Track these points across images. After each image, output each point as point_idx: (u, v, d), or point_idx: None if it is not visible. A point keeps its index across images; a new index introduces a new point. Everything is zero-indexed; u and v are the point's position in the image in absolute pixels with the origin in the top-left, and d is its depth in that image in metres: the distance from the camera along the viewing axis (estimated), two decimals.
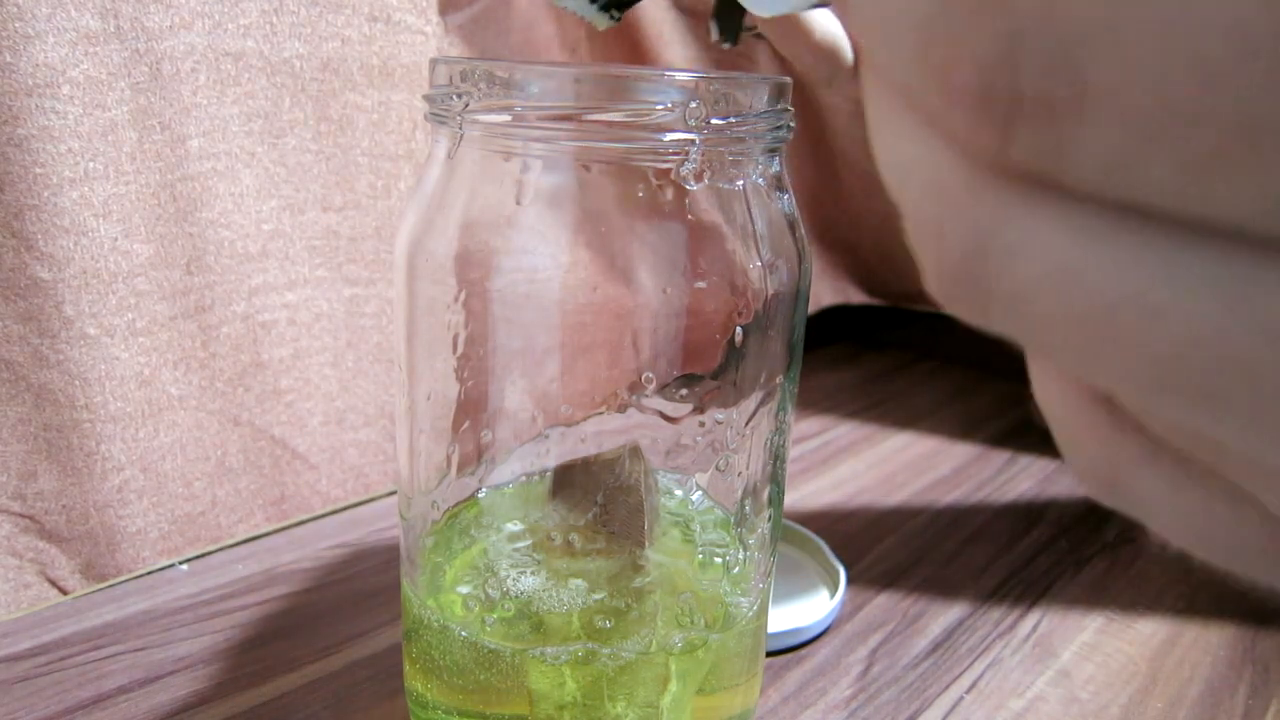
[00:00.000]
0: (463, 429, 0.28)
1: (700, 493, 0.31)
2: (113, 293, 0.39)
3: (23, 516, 0.40)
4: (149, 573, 0.41)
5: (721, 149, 0.23)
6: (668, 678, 0.27)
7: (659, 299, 0.25)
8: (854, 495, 0.51)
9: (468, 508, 0.30)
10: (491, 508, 0.30)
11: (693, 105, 0.22)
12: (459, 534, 0.30)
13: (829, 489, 0.52)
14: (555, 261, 0.25)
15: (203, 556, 0.42)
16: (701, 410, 0.28)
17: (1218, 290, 0.08)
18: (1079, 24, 0.07)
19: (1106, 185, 0.08)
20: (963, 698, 0.35)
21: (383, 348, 0.49)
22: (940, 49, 0.08)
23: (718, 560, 0.29)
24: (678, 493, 0.31)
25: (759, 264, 0.25)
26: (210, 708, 0.32)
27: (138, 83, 0.38)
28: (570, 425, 0.29)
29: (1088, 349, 0.09)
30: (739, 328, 0.26)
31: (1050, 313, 0.09)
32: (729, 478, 0.29)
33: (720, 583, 0.29)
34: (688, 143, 0.23)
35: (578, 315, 0.26)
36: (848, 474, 0.54)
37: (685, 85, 0.22)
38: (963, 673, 0.36)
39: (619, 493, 0.28)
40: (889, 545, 0.46)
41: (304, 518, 0.47)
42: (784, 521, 0.44)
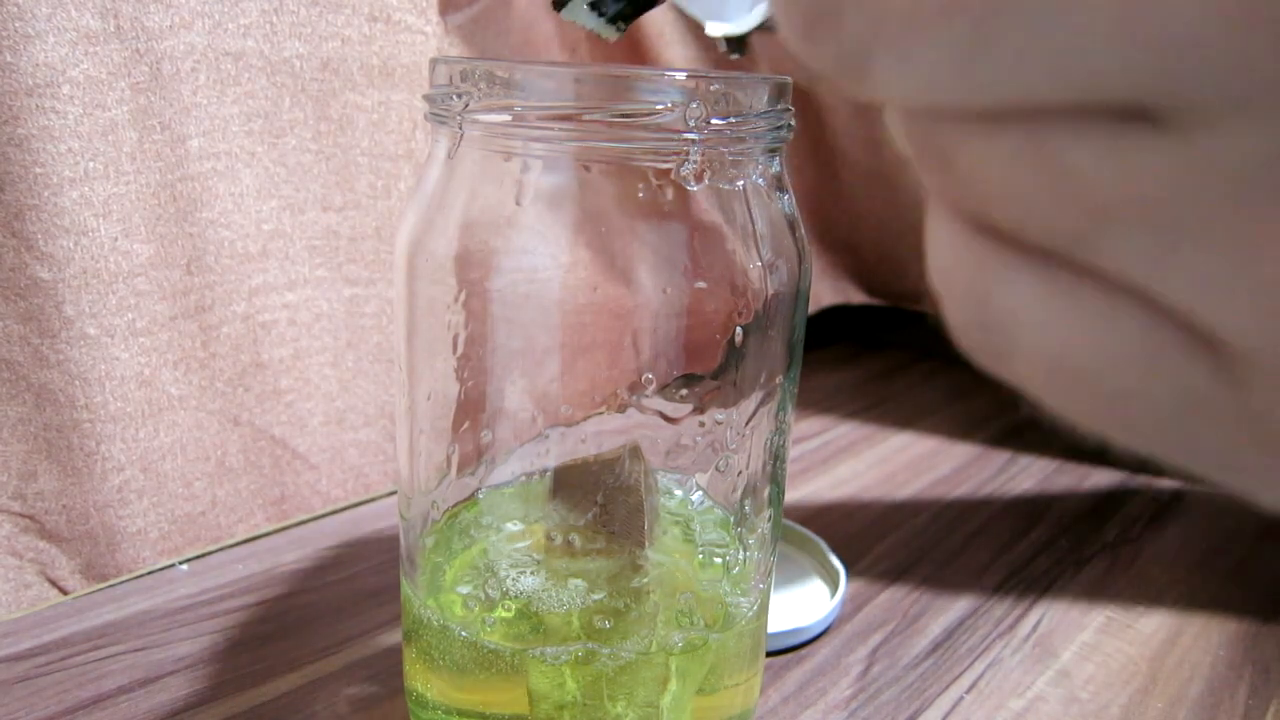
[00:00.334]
0: (463, 429, 0.28)
1: (700, 493, 0.31)
2: (113, 293, 0.39)
3: (23, 516, 0.40)
4: (149, 573, 0.41)
5: (722, 149, 0.23)
6: (668, 678, 0.27)
7: (659, 299, 0.25)
8: (854, 495, 0.51)
9: (468, 508, 0.30)
10: (491, 508, 0.30)
11: (693, 105, 0.22)
12: (459, 534, 0.30)
13: (829, 489, 0.52)
14: (555, 261, 0.25)
15: (203, 556, 0.42)
16: (701, 410, 0.28)
17: None
18: None
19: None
20: (963, 698, 0.35)
21: (383, 348, 0.49)
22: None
23: (718, 560, 0.29)
24: (678, 493, 0.31)
25: (759, 264, 0.25)
26: (210, 708, 0.32)
27: (138, 82, 0.38)
28: (570, 425, 0.29)
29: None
30: (739, 328, 0.26)
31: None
32: (729, 478, 0.29)
33: (720, 583, 0.29)
34: (688, 143, 0.23)
35: (578, 315, 0.26)
36: (848, 474, 0.54)
37: (685, 85, 0.22)
38: (963, 672, 0.36)
39: (619, 493, 0.28)
40: (889, 545, 0.46)
41: (304, 518, 0.47)
42: (784, 521, 0.44)
